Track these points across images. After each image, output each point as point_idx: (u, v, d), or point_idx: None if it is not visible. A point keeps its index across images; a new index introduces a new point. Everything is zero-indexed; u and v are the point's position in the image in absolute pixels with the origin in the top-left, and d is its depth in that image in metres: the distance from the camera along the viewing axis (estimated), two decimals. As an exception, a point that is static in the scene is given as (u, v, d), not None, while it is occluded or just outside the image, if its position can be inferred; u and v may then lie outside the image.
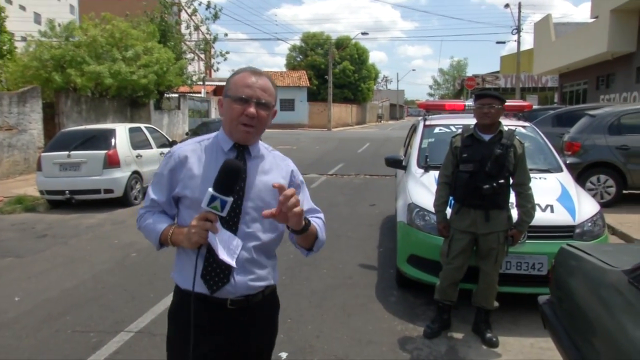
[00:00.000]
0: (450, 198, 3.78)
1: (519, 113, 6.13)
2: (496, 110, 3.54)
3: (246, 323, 1.82)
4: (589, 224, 4.14)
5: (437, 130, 5.63)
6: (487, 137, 3.60)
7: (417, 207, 4.38)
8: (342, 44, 47.32)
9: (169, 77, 17.47)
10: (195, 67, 22.51)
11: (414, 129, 6.63)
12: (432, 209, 4.23)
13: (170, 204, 1.85)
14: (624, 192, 8.21)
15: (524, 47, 32.75)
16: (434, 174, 4.90)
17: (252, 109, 1.73)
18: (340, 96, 49.63)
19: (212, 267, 1.74)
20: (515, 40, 29.76)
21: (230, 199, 1.60)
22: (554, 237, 4.00)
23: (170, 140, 11.38)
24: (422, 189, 4.67)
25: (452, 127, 5.64)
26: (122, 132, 9.51)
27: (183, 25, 22.75)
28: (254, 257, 1.79)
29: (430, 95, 66.34)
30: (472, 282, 3.78)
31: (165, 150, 10.52)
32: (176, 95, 22.19)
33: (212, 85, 40.67)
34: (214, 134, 1.89)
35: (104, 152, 8.84)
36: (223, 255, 1.66)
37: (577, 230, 4.07)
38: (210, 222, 1.61)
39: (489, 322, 3.77)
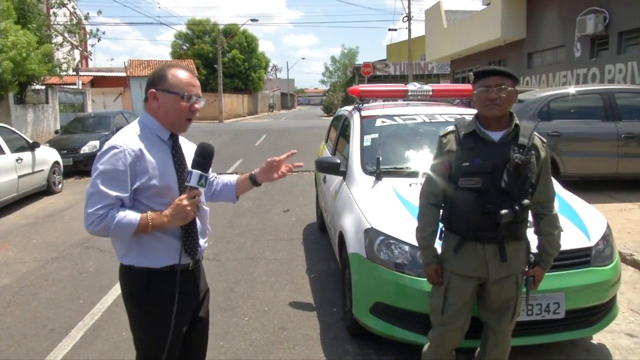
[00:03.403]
0: (440, 226, 2.57)
1: (465, 99, 5.15)
2: (508, 94, 2.35)
3: (196, 277, 2.18)
4: (602, 244, 3.15)
5: (380, 122, 4.42)
6: (496, 136, 2.40)
7: (380, 234, 3.12)
8: (230, 31, 45.07)
9: (31, 65, 14.68)
10: (67, 55, 19.37)
11: (343, 121, 5.38)
12: (402, 236, 3.03)
13: (131, 197, 1.92)
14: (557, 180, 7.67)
15: (415, 35, 33.05)
16: (392, 184, 3.70)
17: (197, 106, 2.03)
18: (231, 86, 47.48)
19: (190, 239, 2.05)
20: (406, 28, 29.78)
21: (209, 175, 2.02)
22: (568, 265, 2.97)
23: (31, 142, 9.16)
24: (381, 206, 3.43)
25: (397, 119, 4.48)
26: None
27: (47, 4, 19.48)
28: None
29: (323, 82, 65.93)
30: (472, 336, 2.62)
31: (23, 155, 8.51)
32: (43, 87, 19.07)
33: (88, 75, 36.78)
34: (133, 125, 2.02)
35: None
36: (206, 224, 2.15)
37: (593, 253, 3.07)
38: (198, 197, 1.95)
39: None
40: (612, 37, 12.78)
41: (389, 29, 78.92)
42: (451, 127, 2.56)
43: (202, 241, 2.12)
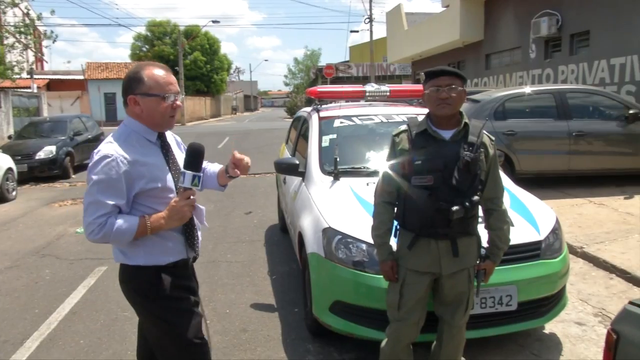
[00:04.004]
0: (395, 223, 2.62)
1: (414, 100, 5.23)
2: (458, 93, 2.43)
3: (193, 272, 2.29)
4: (552, 237, 3.27)
5: (338, 123, 4.46)
6: (447, 135, 2.47)
7: (337, 233, 3.16)
8: (191, 33, 44.48)
9: (-20, 68, 14.18)
10: (19, 57, 18.68)
11: (302, 122, 5.41)
12: (359, 235, 3.07)
13: (129, 203, 1.96)
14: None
15: (377, 37, 33.42)
16: (350, 184, 3.74)
17: (179, 102, 2.07)
18: (193, 88, 46.82)
19: (191, 235, 2.15)
20: (368, 30, 30.07)
21: (201, 174, 2.04)
22: (519, 259, 3.06)
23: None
24: (338, 205, 3.47)
25: (355, 119, 4.53)
26: None
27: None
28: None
29: (286, 84, 65.80)
30: (427, 330, 2.68)
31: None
32: (-6, 90, 18.38)
33: (44, 78, 35.60)
34: (119, 131, 2.04)
35: None
36: (203, 221, 2.22)
37: (543, 247, 3.18)
38: (193, 197, 2.03)
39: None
40: (564, 39, 13.21)
41: (351, 31, 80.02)
42: (403, 127, 2.62)
43: (200, 235, 2.23)
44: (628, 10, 10.86)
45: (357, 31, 72.01)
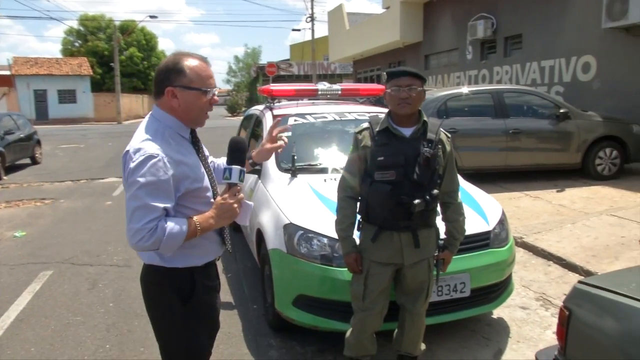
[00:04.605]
0: (357, 217, 2.72)
1: (372, 98, 5.40)
2: (418, 93, 2.56)
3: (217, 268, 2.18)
4: (499, 227, 3.49)
5: (292, 121, 4.52)
6: (407, 132, 2.60)
7: (299, 228, 3.22)
8: (127, 28, 43.05)
9: None
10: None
11: (254, 120, 5.43)
12: (320, 229, 3.16)
13: (175, 205, 1.85)
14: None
15: (318, 36, 33.66)
16: (308, 180, 3.82)
17: (217, 98, 1.96)
18: (129, 85, 45.39)
19: (224, 231, 2.08)
20: (309, 29, 30.22)
21: (244, 169, 1.96)
22: (471, 248, 3.25)
23: None
24: (298, 201, 3.53)
25: (309, 117, 4.61)
26: None
27: None
28: None
29: (227, 82, 64.89)
30: (390, 319, 2.81)
31: None
32: None
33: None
34: (152, 125, 1.90)
35: None
36: (247, 219, 2.06)
37: (492, 236, 3.39)
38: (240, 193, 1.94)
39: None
40: (499, 41, 13.88)
41: (293, 29, 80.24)
42: (366, 124, 2.72)
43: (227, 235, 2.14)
44: (557, 16, 11.58)
45: (299, 30, 72.39)
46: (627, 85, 9.79)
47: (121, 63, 41.42)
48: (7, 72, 35.40)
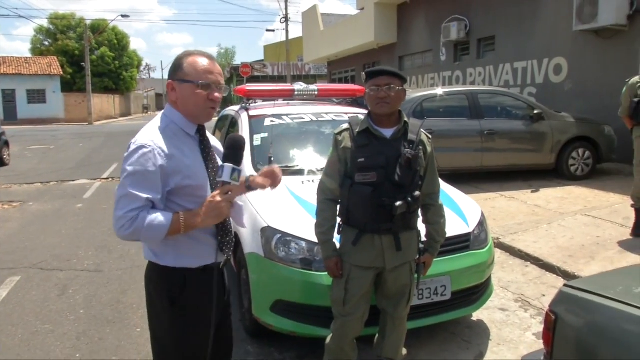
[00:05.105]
0: (338, 220, 2.66)
1: (349, 99, 5.35)
2: (397, 93, 2.51)
3: (224, 275, 2.13)
4: (479, 229, 3.47)
5: (268, 122, 4.43)
6: (388, 133, 2.54)
7: (277, 232, 3.14)
8: (98, 27, 42.18)
9: None
10: None
11: (229, 121, 5.31)
12: (299, 233, 3.09)
13: (163, 199, 1.84)
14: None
15: (292, 36, 33.55)
16: (285, 182, 3.72)
17: (217, 94, 1.91)
18: (101, 86, 44.47)
19: (224, 236, 1.99)
20: (283, 29, 30.14)
21: (241, 169, 1.88)
22: (451, 250, 3.21)
23: None
24: (275, 204, 3.45)
25: (285, 118, 4.53)
26: None
27: None
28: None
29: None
30: (371, 324, 2.75)
31: None
32: None
33: None
34: (157, 120, 1.94)
35: None
36: (242, 221, 2.00)
37: (472, 238, 3.36)
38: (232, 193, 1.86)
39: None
40: (472, 43, 14.03)
41: (267, 30, 79.83)
42: (345, 125, 2.66)
43: (228, 239, 2.04)
44: (529, 18, 11.74)
45: (273, 30, 71.80)
46: (597, 87, 9.97)
47: (92, 63, 40.59)
48: (-28, 71, 34.34)
